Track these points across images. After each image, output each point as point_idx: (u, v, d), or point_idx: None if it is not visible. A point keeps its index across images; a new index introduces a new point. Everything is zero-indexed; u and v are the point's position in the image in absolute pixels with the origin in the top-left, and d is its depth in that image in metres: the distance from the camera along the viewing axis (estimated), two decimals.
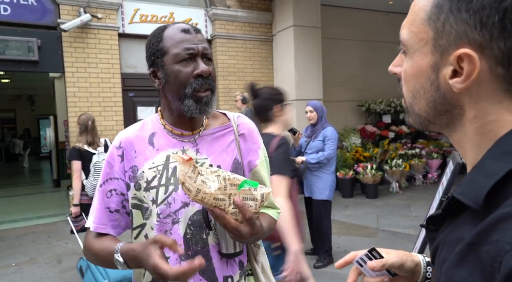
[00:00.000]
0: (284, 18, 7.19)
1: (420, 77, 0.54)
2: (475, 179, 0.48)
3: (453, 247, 0.48)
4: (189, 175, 0.92)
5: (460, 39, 0.48)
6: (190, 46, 1.07)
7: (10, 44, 5.55)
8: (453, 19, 0.48)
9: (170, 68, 1.08)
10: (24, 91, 14.08)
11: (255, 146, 1.24)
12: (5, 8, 5.61)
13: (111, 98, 6.24)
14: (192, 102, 1.08)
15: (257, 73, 7.52)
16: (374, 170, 6.81)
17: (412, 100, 0.56)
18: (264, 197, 0.99)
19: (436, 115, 0.54)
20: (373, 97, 8.56)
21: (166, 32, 1.10)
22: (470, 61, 0.47)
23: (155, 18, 6.65)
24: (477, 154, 0.51)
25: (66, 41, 5.91)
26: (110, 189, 1.14)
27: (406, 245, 4.35)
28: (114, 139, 1.19)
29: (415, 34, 0.53)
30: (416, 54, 0.54)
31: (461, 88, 0.49)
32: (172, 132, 1.16)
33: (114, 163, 1.14)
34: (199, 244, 1.10)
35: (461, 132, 0.53)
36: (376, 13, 8.68)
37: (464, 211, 0.50)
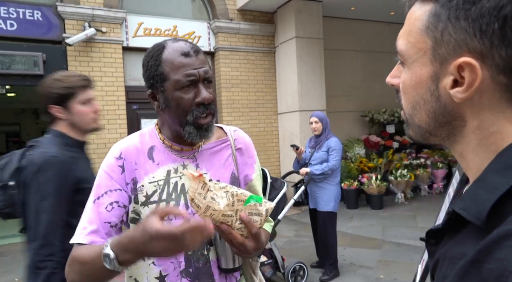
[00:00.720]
0: (286, 30, 7.25)
1: (420, 88, 0.52)
2: (477, 194, 0.46)
3: (454, 263, 0.47)
4: (199, 191, 0.92)
5: (460, 48, 0.46)
6: (191, 72, 1.04)
7: (16, 59, 5.62)
8: (452, 27, 0.47)
9: (171, 95, 1.05)
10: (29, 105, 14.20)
11: (251, 160, 1.24)
12: (12, 23, 5.70)
13: (115, 111, 6.28)
14: (193, 129, 1.06)
15: (260, 85, 7.55)
16: (379, 181, 6.76)
17: (412, 112, 0.55)
18: (268, 212, 1.00)
19: (437, 127, 0.53)
20: (376, 107, 8.56)
21: (165, 55, 1.05)
22: (472, 70, 0.45)
23: (159, 32, 6.73)
24: (479, 166, 0.49)
25: (71, 55, 5.98)
26: (111, 202, 1.05)
27: (413, 257, 4.29)
28: (111, 149, 1.13)
29: (413, 44, 0.52)
30: (415, 64, 0.52)
31: (463, 98, 0.47)
32: (171, 147, 1.13)
33: (114, 174, 1.08)
34: (201, 261, 1.09)
35: (462, 143, 0.52)
36: (378, 24, 8.73)
37: (465, 226, 0.48)
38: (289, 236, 5.48)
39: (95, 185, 1.09)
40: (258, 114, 7.53)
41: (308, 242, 5.00)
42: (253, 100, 7.47)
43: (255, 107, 7.49)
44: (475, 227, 0.46)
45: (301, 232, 5.70)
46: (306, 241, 5.11)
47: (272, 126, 7.70)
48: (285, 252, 4.51)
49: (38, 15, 5.86)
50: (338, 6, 7.53)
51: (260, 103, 7.55)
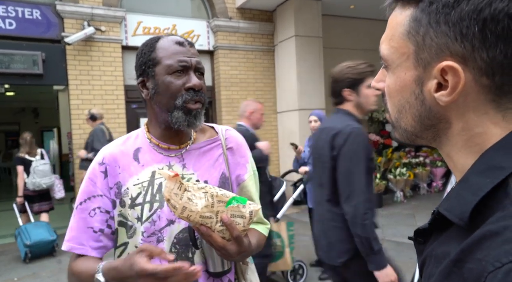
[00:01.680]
0: (286, 28, 7.24)
1: (405, 92, 0.53)
2: (461, 195, 0.47)
3: (439, 262, 0.47)
4: (175, 191, 0.89)
5: (442, 52, 0.47)
6: (183, 58, 1.05)
7: (15, 58, 5.62)
8: (433, 32, 0.47)
9: (162, 79, 1.05)
10: (28, 104, 14.19)
11: (243, 159, 1.21)
12: (11, 22, 5.69)
13: (114, 110, 6.28)
14: (181, 114, 1.05)
15: (259, 83, 7.55)
16: (378, 179, 6.77)
17: (398, 115, 0.56)
18: (253, 214, 0.96)
19: (423, 130, 0.53)
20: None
21: (159, 43, 1.08)
22: (454, 74, 0.46)
23: (158, 30, 6.72)
24: (464, 166, 0.50)
25: (70, 54, 5.98)
26: (93, 207, 1.07)
27: (412, 256, 4.30)
28: (97, 155, 1.14)
29: (395, 49, 0.53)
30: (399, 69, 0.53)
31: (447, 101, 0.48)
32: (158, 146, 1.12)
33: (97, 180, 1.09)
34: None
35: (448, 145, 0.52)
36: (377, 22, 8.71)
37: (450, 226, 0.49)
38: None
39: (79, 190, 1.11)
40: None
41: (307, 241, 5.01)
42: (252, 99, 7.47)
43: None
44: (458, 227, 0.46)
45: (301, 231, 5.71)
46: (306, 240, 5.12)
47: (272, 125, 7.70)
48: None
49: (37, 14, 5.86)
50: (337, 4, 7.52)
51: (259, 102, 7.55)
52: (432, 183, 7.76)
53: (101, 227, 1.08)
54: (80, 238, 1.06)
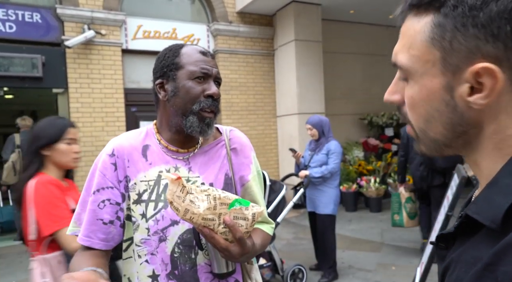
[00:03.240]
0: (286, 32, 7.26)
1: (433, 100, 0.51)
2: (491, 197, 0.46)
3: (468, 267, 0.46)
4: (178, 194, 0.91)
5: (473, 55, 0.46)
6: (206, 66, 1.10)
7: (15, 61, 5.61)
8: (461, 36, 0.46)
9: (183, 83, 1.08)
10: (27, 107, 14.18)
11: (247, 160, 1.21)
12: (11, 25, 5.70)
13: (114, 113, 6.28)
14: (195, 119, 1.08)
15: (259, 87, 7.56)
16: (377, 183, 6.77)
17: (425, 126, 0.53)
18: (256, 216, 0.97)
19: (454, 138, 0.52)
20: (375, 110, 8.57)
21: (184, 49, 1.12)
22: (491, 75, 0.45)
23: (158, 34, 6.73)
24: (492, 170, 0.49)
25: (70, 58, 5.98)
26: (103, 199, 1.08)
27: (412, 260, 4.28)
28: (106, 146, 1.14)
29: (418, 58, 0.51)
30: (424, 77, 0.51)
31: (484, 104, 0.47)
32: (167, 148, 1.14)
33: (107, 172, 1.09)
34: (188, 264, 1.07)
35: (478, 151, 0.51)
36: (377, 27, 8.76)
37: (478, 230, 0.48)
38: (288, 239, 5.48)
39: (89, 181, 1.12)
40: (257, 117, 7.54)
41: (307, 245, 5.00)
42: (252, 103, 7.48)
43: (254, 110, 7.49)
44: (489, 231, 0.45)
45: (300, 234, 5.70)
46: (305, 244, 5.11)
47: (271, 129, 7.70)
48: (284, 255, 4.50)
49: (37, 17, 5.87)
50: (337, 9, 7.55)
51: (259, 106, 7.56)
52: None
53: (111, 218, 1.08)
54: (87, 230, 1.08)
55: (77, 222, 1.13)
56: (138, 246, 1.07)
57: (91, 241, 1.07)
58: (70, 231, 1.14)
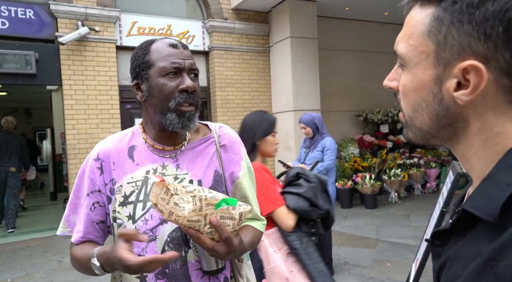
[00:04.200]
0: (281, 29, 7.25)
1: (422, 91, 0.52)
2: (488, 191, 0.47)
3: (466, 263, 0.46)
4: (162, 196, 0.90)
5: (464, 51, 0.47)
6: (176, 60, 1.06)
7: (8, 58, 5.56)
8: (456, 31, 0.47)
9: (155, 81, 1.06)
10: (21, 104, 14.07)
11: (237, 156, 1.21)
12: (3, 22, 5.64)
13: (109, 110, 6.24)
14: (174, 116, 1.06)
15: (254, 84, 7.55)
16: (372, 180, 6.79)
17: (413, 114, 0.55)
18: (243, 216, 0.97)
19: (439, 129, 0.53)
20: (370, 107, 8.59)
21: (153, 46, 1.09)
22: (477, 73, 0.46)
23: (153, 31, 6.69)
24: (485, 166, 0.50)
25: (64, 54, 5.93)
26: (93, 202, 1.12)
27: (407, 256, 4.31)
28: (93, 150, 1.16)
29: (414, 48, 0.52)
30: (417, 67, 0.52)
31: (468, 100, 0.48)
32: (153, 147, 1.13)
33: (94, 176, 1.11)
34: (178, 262, 1.07)
35: (465, 145, 0.52)
36: (372, 24, 8.77)
37: (475, 225, 0.48)
38: None
39: (78, 185, 1.14)
40: None
41: None
42: (247, 100, 7.46)
43: (249, 107, 7.48)
44: (486, 225, 0.46)
45: None
46: None
47: None
48: None
49: (30, 13, 5.80)
50: (332, 6, 7.54)
51: (254, 103, 7.55)
52: (426, 184, 7.80)
53: (102, 219, 1.14)
54: (84, 232, 1.13)
55: (65, 223, 1.17)
56: None
57: (78, 240, 1.14)
58: (60, 231, 1.18)
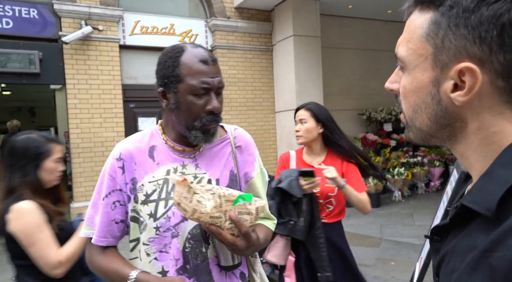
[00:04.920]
0: (284, 28, 7.23)
1: (421, 92, 0.54)
2: (486, 187, 0.48)
3: (464, 256, 0.48)
4: (184, 195, 0.94)
5: (460, 54, 0.49)
6: (207, 80, 1.07)
7: (12, 57, 5.58)
8: (452, 35, 0.49)
9: (184, 98, 1.08)
10: (25, 103, 14.13)
11: (251, 158, 1.26)
12: (7, 21, 5.66)
13: (112, 109, 6.25)
14: (199, 133, 1.10)
15: (257, 83, 7.54)
16: (376, 179, 6.77)
17: (413, 115, 0.57)
18: (259, 210, 1.02)
19: (438, 129, 0.55)
20: (373, 106, 8.57)
21: (183, 58, 1.08)
22: (472, 75, 0.48)
23: (156, 30, 6.70)
24: (483, 164, 0.52)
25: (67, 54, 5.94)
26: (114, 201, 1.13)
27: (410, 255, 4.30)
28: (113, 150, 1.18)
29: (413, 51, 0.54)
30: (416, 70, 0.54)
31: (463, 101, 0.50)
32: (173, 148, 1.17)
33: (116, 175, 1.13)
34: (199, 258, 1.11)
35: (464, 144, 0.54)
36: (375, 22, 8.74)
37: (473, 220, 0.50)
38: None
39: (100, 186, 1.16)
40: (255, 112, 7.52)
41: None
42: (250, 98, 7.46)
43: (252, 105, 7.48)
44: (483, 220, 0.47)
45: None
46: None
47: (270, 124, 7.69)
48: None
49: (34, 13, 5.82)
50: (335, 4, 7.52)
51: (257, 101, 7.54)
52: (430, 183, 7.77)
53: (122, 218, 1.15)
54: (103, 231, 1.14)
55: (90, 224, 1.17)
56: (146, 245, 1.11)
57: (108, 240, 1.14)
58: (83, 233, 1.18)
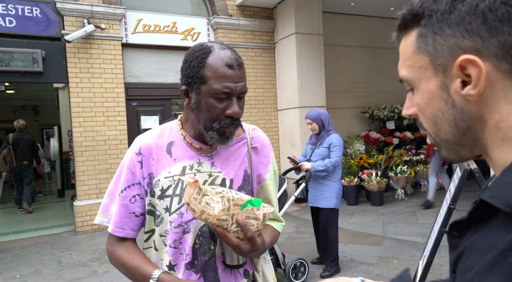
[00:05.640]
0: (286, 25, 7.22)
1: (434, 101, 0.54)
2: (506, 182, 0.47)
3: (482, 254, 0.47)
4: (194, 196, 0.97)
5: (455, 52, 0.50)
6: (229, 85, 1.07)
7: (15, 56, 5.60)
8: (440, 38, 0.51)
9: (205, 99, 1.08)
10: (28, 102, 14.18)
11: (266, 160, 1.28)
12: (11, 20, 5.67)
13: (115, 108, 6.27)
14: (216, 135, 1.11)
15: (259, 81, 7.54)
16: (379, 177, 6.77)
17: (436, 129, 0.56)
18: (267, 216, 1.04)
19: (461, 134, 0.54)
20: (376, 104, 8.54)
21: (210, 60, 1.08)
22: (473, 65, 0.48)
23: (158, 28, 6.70)
24: (505, 159, 0.50)
25: (70, 52, 5.96)
26: (133, 195, 1.16)
27: (413, 253, 4.30)
28: (133, 144, 1.21)
29: (412, 67, 0.56)
30: (422, 82, 0.55)
31: (475, 94, 0.49)
32: (191, 144, 1.19)
33: (135, 169, 1.16)
34: (207, 254, 1.14)
35: (488, 145, 0.52)
36: (378, 20, 8.71)
37: (493, 217, 0.49)
38: (290, 233, 5.49)
39: (118, 178, 1.19)
40: (258, 110, 7.52)
41: (308, 239, 5.02)
42: (252, 96, 7.45)
43: (255, 103, 7.48)
44: (504, 217, 0.46)
45: (302, 228, 5.71)
46: (307, 238, 5.12)
47: (272, 122, 7.69)
48: (286, 249, 4.52)
49: (37, 11, 5.83)
50: (337, 1, 7.50)
51: (260, 99, 7.54)
52: None
53: (142, 211, 1.18)
54: (121, 222, 1.16)
55: (104, 213, 1.21)
56: (163, 236, 1.15)
57: (125, 232, 1.16)
58: (98, 220, 1.21)
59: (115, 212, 1.17)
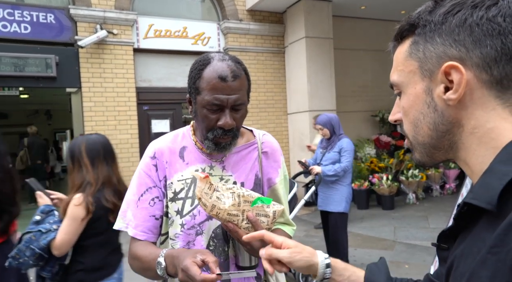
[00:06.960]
0: (296, 30, 7.23)
1: (417, 104, 0.59)
2: (486, 182, 0.50)
3: (474, 258, 0.48)
4: (205, 191, 0.99)
5: (442, 59, 0.55)
6: (220, 97, 1.08)
7: (29, 61, 5.72)
8: (431, 45, 0.56)
9: (199, 109, 1.12)
10: (41, 106, 14.42)
11: (276, 164, 1.30)
12: (26, 26, 5.80)
13: (126, 112, 6.35)
14: (211, 144, 1.14)
15: (269, 85, 7.55)
16: (389, 181, 6.71)
17: (414, 130, 0.61)
18: (276, 214, 1.05)
19: (439, 138, 0.58)
20: (386, 107, 8.49)
21: (205, 71, 1.10)
22: (456, 71, 0.53)
23: (169, 33, 6.78)
24: (482, 164, 0.53)
25: (83, 57, 6.06)
26: (152, 197, 1.18)
27: (425, 258, 4.25)
28: (147, 149, 1.24)
29: (403, 71, 0.61)
30: (409, 86, 0.60)
31: (456, 98, 0.53)
32: (202, 150, 1.21)
33: (151, 173, 1.20)
34: (222, 256, 1.16)
35: (464, 149, 0.56)
36: (389, 23, 8.66)
37: (478, 220, 0.51)
38: (300, 236, 5.47)
39: (136, 182, 1.21)
40: (267, 114, 7.54)
41: (318, 242, 4.99)
42: (262, 100, 7.47)
43: (264, 107, 7.49)
44: (488, 218, 0.48)
45: (312, 232, 5.69)
46: (317, 241, 5.10)
47: (282, 126, 7.69)
48: None
49: (51, 18, 5.96)
50: (348, 5, 7.49)
51: (269, 103, 7.55)
52: (445, 185, 7.64)
53: (161, 213, 1.20)
54: (142, 226, 1.18)
55: (123, 218, 1.22)
56: (172, 240, 1.17)
57: (147, 235, 1.18)
58: (117, 226, 1.22)
59: (136, 216, 1.18)
